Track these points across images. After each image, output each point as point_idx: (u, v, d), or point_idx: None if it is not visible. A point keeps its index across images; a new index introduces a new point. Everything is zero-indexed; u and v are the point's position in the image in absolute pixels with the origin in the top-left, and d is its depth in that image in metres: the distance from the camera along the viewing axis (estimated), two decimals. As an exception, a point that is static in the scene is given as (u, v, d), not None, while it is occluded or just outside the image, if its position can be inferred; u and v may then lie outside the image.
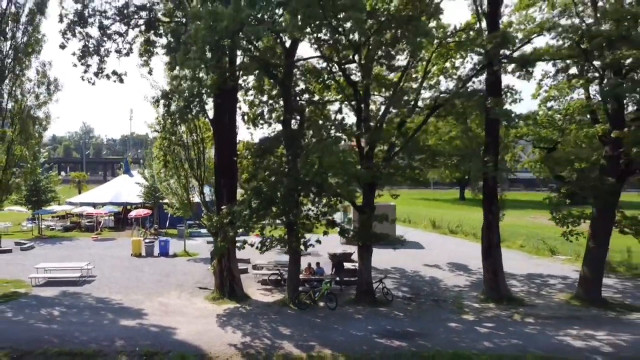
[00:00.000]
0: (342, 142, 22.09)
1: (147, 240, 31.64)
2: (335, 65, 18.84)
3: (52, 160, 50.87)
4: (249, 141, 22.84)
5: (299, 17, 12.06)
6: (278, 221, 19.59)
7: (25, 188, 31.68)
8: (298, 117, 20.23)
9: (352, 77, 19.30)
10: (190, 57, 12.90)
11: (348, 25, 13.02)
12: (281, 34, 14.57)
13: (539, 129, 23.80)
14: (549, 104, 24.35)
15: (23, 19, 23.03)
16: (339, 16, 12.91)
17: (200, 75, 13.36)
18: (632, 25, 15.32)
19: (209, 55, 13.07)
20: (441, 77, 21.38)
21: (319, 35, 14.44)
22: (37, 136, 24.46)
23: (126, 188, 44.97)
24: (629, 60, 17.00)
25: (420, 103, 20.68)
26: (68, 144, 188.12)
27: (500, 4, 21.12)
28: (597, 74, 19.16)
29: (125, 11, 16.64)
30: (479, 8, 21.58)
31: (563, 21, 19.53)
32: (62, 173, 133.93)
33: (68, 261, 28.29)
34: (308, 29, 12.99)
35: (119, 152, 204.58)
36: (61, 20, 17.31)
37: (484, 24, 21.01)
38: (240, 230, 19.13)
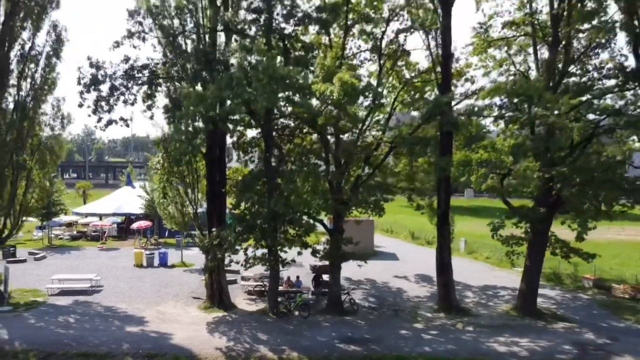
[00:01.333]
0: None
1: (147, 252, 35.20)
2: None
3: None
4: (238, 168, 26.46)
5: (265, 96, 15.64)
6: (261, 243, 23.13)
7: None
8: (277, 153, 23.82)
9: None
10: (182, 129, 16.45)
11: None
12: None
13: (499, 155, 27.13)
14: (502, 136, 27.93)
15: (42, 63, 26.74)
16: (295, 99, 16.45)
17: (191, 137, 16.91)
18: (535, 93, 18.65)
19: (198, 124, 16.61)
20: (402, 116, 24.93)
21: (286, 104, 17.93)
22: (52, 164, 28.00)
23: (128, 199, 48.55)
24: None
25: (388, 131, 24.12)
26: (70, 147, 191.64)
27: (451, 59, 24.70)
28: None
29: (131, 73, 20.19)
30: (434, 58, 25.25)
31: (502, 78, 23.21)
32: (65, 175, 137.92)
33: (77, 271, 32.05)
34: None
35: (120, 153, 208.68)
36: (79, 83, 20.88)
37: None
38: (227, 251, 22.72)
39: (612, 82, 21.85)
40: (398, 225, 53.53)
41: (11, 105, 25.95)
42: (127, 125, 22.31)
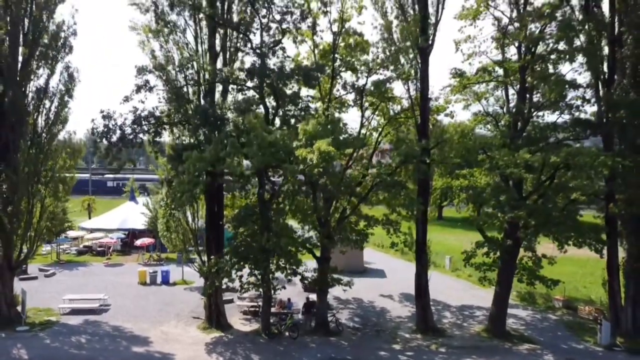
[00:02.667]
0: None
1: (151, 271, 37.69)
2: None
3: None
4: (235, 196, 28.94)
5: (255, 159, 18.17)
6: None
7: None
8: (270, 187, 26.30)
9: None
10: (184, 181, 18.94)
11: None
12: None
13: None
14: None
15: (56, 101, 29.25)
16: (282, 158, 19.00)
17: (193, 188, 19.40)
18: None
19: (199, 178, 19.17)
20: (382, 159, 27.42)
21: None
22: (64, 194, 30.49)
23: (132, 214, 51.13)
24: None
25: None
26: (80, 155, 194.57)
27: (428, 103, 27.20)
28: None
29: (138, 121, 22.72)
30: (413, 101, 27.76)
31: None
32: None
33: (85, 288, 34.61)
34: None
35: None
36: (93, 134, 23.43)
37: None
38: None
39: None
40: (389, 240, 55.73)
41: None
42: (135, 165, 24.89)
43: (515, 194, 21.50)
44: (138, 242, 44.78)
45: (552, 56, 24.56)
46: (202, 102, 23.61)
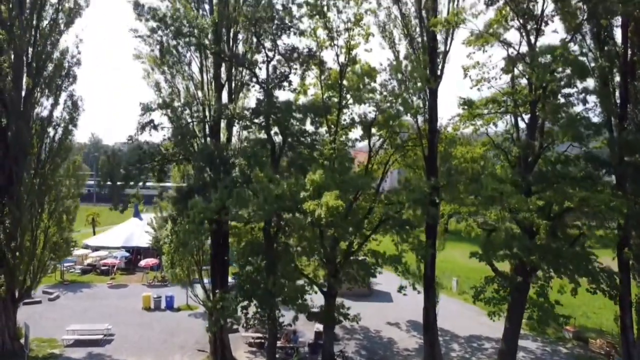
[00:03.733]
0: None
1: (155, 296, 37.35)
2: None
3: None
4: (239, 228, 28.53)
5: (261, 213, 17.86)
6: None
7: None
8: (276, 221, 25.88)
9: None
10: (189, 231, 18.63)
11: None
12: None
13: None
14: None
15: (60, 131, 28.97)
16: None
17: (197, 234, 19.08)
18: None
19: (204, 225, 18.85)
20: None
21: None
22: (67, 224, 30.17)
23: (136, 231, 50.91)
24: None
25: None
26: (78, 159, 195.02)
27: (437, 135, 26.74)
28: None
29: (143, 160, 22.40)
30: (421, 132, 27.31)
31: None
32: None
33: (89, 313, 34.41)
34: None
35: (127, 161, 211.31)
36: (97, 175, 23.06)
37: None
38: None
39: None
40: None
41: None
42: (139, 201, 24.61)
43: (528, 241, 21.01)
44: (142, 263, 44.47)
45: (564, 91, 24.04)
46: (208, 139, 23.25)
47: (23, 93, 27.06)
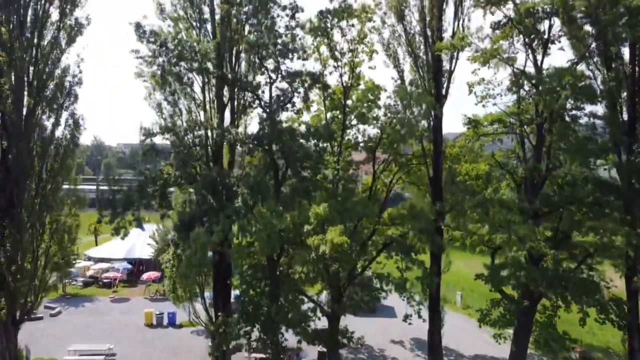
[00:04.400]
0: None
1: (157, 313, 37.13)
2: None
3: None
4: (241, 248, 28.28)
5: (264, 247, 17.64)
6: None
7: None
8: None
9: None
10: (191, 263, 18.42)
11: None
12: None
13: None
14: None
15: (61, 151, 28.72)
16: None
17: (199, 266, 18.83)
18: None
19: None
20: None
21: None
22: (69, 244, 29.92)
23: (138, 242, 50.66)
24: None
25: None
26: (81, 162, 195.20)
27: (442, 156, 26.43)
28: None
29: (144, 187, 22.22)
30: (426, 152, 27.02)
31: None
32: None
33: (91, 330, 34.30)
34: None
35: (129, 164, 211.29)
36: (97, 201, 22.91)
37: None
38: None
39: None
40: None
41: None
42: (142, 228, 24.58)
43: (535, 272, 20.69)
44: (144, 277, 44.30)
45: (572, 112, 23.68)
46: (210, 164, 23.00)
47: (24, 111, 26.87)
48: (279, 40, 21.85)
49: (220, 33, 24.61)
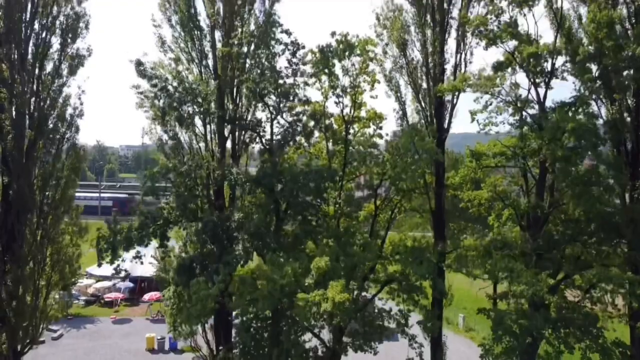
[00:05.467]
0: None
1: (159, 337, 37.10)
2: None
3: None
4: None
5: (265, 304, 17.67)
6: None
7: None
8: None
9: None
10: (192, 315, 18.36)
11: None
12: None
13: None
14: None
15: (62, 184, 28.70)
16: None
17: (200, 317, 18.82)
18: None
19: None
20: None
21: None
22: (70, 276, 29.87)
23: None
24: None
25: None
26: (83, 167, 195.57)
27: (444, 190, 26.29)
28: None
29: (144, 226, 22.17)
30: (427, 184, 26.89)
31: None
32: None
33: (93, 355, 34.48)
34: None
35: (131, 168, 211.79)
36: (97, 246, 22.96)
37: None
38: None
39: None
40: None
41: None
42: (142, 262, 24.53)
43: (538, 320, 20.55)
44: (146, 297, 44.29)
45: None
46: (211, 203, 22.95)
47: (25, 142, 26.85)
48: (280, 82, 21.77)
49: (221, 68, 24.58)
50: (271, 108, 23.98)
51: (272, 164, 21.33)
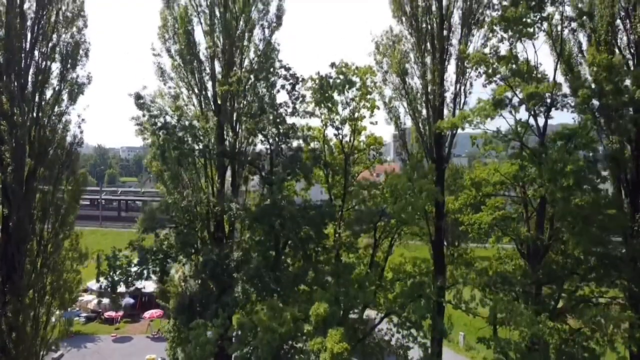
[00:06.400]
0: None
1: (159, 359, 37.11)
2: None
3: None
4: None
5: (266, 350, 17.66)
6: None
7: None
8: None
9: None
10: (192, 355, 18.39)
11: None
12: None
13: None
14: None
15: (62, 211, 28.74)
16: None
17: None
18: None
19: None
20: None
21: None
22: (70, 302, 29.95)
23: (141, 274, 50.67)
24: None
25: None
26: (84, 172, 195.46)
27: (444, 221, 26.28)
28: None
29: (144, 259, 22.24)
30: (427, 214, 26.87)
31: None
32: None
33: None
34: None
35: (133, 172, 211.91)
36: (97, 280, 23.00)
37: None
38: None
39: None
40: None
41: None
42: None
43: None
44: (146, 315, 44.37)
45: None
46: (212, 238, 23.00)
47: (25, 172, 26.87)
48: (279, 120, 21.81)
49: (222, 100, 24.60)
50: (270, 140, 24.02)
51: (272, 202, 21.34)
